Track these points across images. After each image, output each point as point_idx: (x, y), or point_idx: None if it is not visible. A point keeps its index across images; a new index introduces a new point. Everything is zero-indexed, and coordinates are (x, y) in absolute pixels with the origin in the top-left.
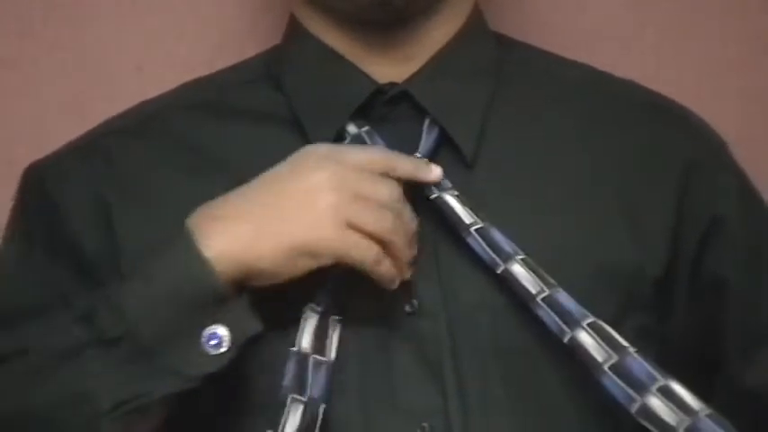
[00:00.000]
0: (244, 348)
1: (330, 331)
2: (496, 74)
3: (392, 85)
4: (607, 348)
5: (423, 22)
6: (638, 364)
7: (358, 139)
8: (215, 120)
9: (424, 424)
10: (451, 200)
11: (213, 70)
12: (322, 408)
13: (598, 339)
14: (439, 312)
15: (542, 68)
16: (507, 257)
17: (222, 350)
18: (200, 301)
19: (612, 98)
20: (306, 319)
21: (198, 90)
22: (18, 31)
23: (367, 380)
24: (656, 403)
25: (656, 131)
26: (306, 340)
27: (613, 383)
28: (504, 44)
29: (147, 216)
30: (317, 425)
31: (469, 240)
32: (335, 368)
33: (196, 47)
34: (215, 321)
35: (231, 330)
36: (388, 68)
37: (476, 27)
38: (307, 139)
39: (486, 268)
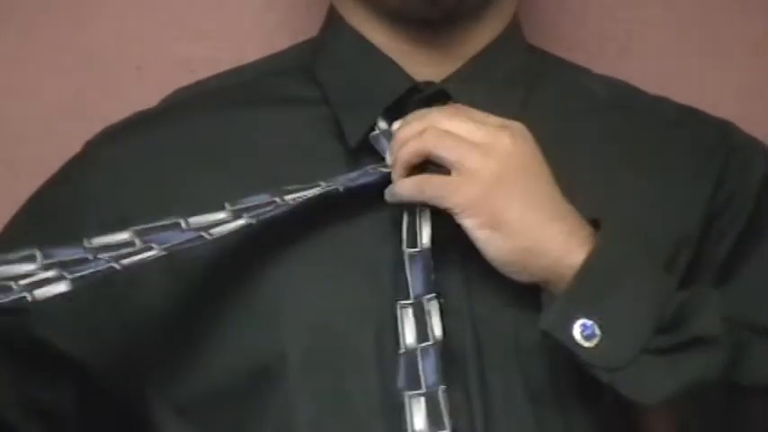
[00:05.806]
0: None
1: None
2: (529, 82)
3: (428, 84)
4: None
5: (468, 25)
6: None
7: (386, 135)
8: (245, 104)
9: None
10: None
11: (214, 70)
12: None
13: None
14: (463, 311)
15: (573, 81)
16: None
17: None
18: None
19: (644, 112)
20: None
21: (230, 77)
22: (18, 31)
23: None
24: None
25: (685, 142)
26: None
27: None
28: (537, 54)
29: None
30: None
31: None
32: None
33: (196, 47)
34: None
35: None
36: (426, 67)
37: (513, 34)
38: (338, 126)
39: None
